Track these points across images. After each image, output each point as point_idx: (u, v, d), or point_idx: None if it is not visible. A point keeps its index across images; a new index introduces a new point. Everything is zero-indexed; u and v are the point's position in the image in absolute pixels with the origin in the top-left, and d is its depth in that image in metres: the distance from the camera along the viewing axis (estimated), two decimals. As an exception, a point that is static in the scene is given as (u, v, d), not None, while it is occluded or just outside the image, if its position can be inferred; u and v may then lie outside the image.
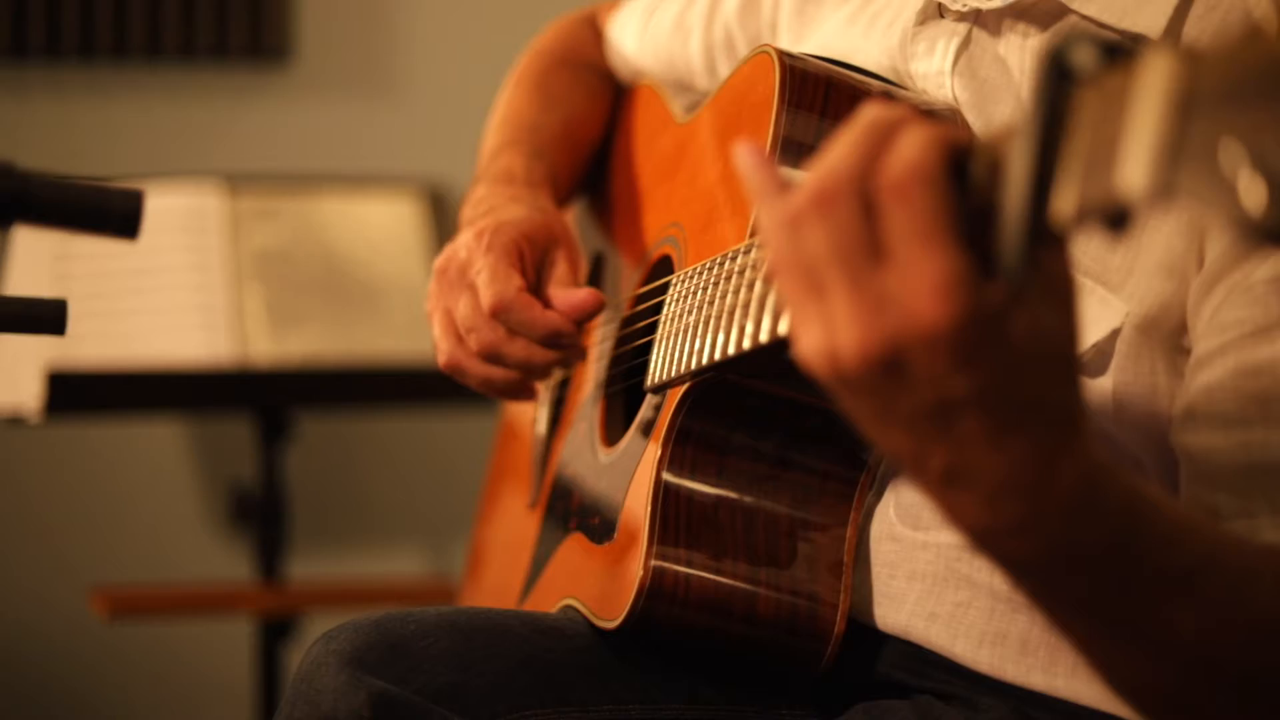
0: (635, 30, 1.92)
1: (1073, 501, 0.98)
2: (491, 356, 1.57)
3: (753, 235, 1.36)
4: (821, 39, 1.63)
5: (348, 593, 3.30)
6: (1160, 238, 1.28)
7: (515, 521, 1.89)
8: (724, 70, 1.79)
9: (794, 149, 1.40)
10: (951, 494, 0.98)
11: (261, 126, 3.63)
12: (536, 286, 1.61)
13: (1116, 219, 0.83)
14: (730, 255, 1.32)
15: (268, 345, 3.08)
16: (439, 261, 1.62)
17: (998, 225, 0.88)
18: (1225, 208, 0.73)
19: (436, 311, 1.61)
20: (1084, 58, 0.86)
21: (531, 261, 1.61)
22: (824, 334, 0.95)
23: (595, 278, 1.84)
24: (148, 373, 3.01)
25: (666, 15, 1.87)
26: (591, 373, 1.72)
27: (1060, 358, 0.96)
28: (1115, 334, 1.29)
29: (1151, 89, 0.78)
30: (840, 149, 0.94)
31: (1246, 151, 0.72)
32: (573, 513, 1.65)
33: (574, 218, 1.93)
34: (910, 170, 0.91)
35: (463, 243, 1.61)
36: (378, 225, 3.25)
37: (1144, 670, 1.08)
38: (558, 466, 1.75)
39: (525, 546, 1.79)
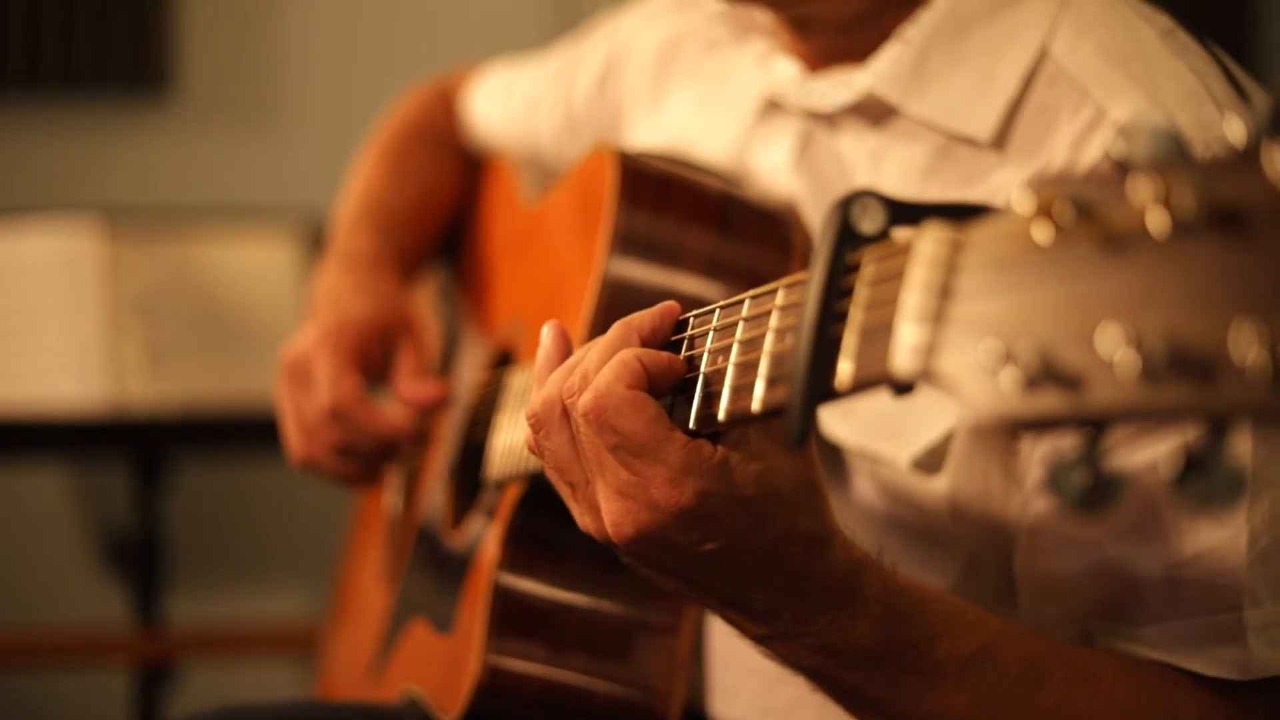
0: (490, 106, 1.93)
1: (833, 606, 1.10)
2: (342, 451, 1.58)
3: (584, 338, 1.36)
4: (672, 122, 1.64)
5: (226, 638, 3.28)
6: None
7: (370, 589, 1.89)
8: (578, 150, 1.80)
9: (632, 246, 1.40)
10: (732, 615, 1.12)
11: (141, 157, 3.60)
12: (385, 374, 1.64)
13: (898, 388, 0.84)
14: None
15: (145, 387, 3.04)
16: (286, 358, 1.63)
17: (708, 393, 1.03)
18: (985, 398, 0.74)
19: (286, 408, 1.63)
20: (868, 221, 0.87)
21: (378, 354, 1.64)
22: (585, 517, 1.10)
23: (451, 349, 1.84)
24: (21, 419, 2.97)
25: (521, 92, 1.87)
26: (441, 451, 1.72)
27: (799, 492, 1.06)
28: (950, 437, 1.30)
29: (921, 271, 0.79)
30: (549, 385, 1.09)
31: (1003, 345, 0.73)
32: (420, 595, 1.65)
33: (436, 287, 1.93)
34: (599, 402, 1.04)
35: (308, 338, 1.63)
36: (256, 265, 3.23)
37: None
38: (408, 542, 1.75)
39: (376, 619, 1.79)
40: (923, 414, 1.29)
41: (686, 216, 1.41)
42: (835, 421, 1.33)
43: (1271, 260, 0.64)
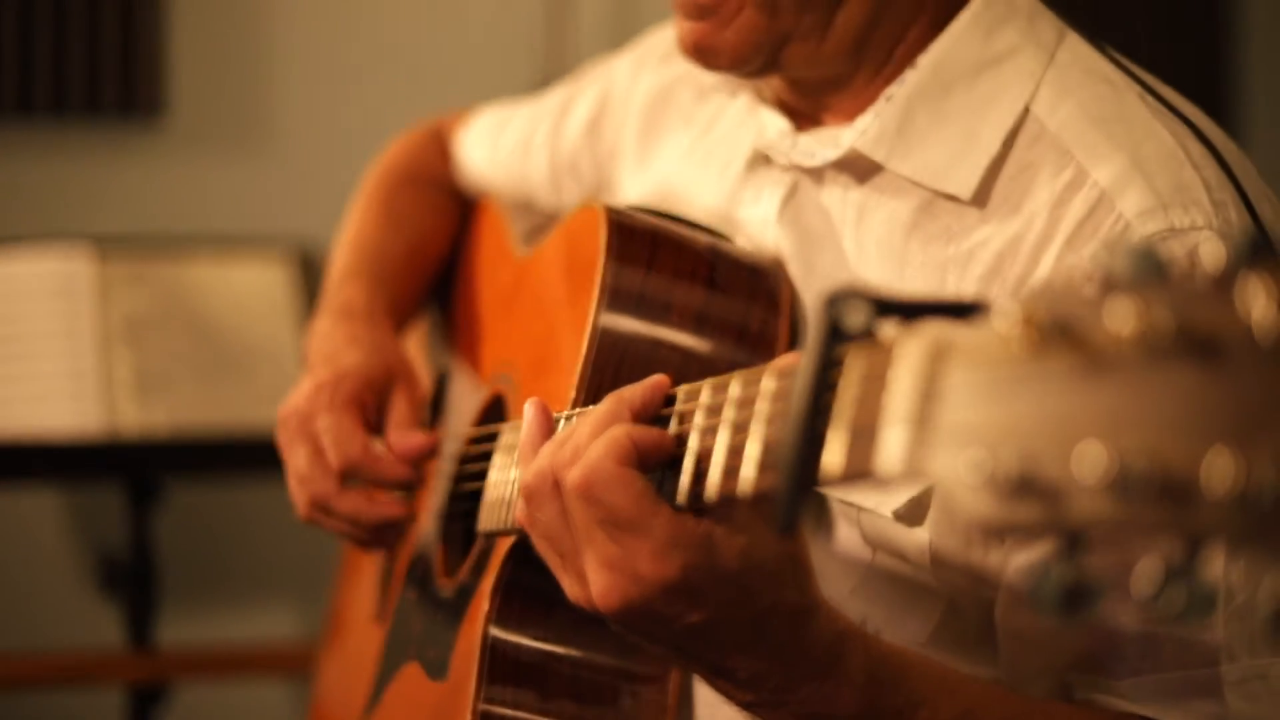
0: (482, 148, 1.94)
1: (818, 675, 1.13)
2: (322, 509, 1.59)
3: (573, 407, 1.38)
4: (662, 169, 1.66)
5: (219, 659, 3.29)
6: None
7: (363, 623, 1.91)
8: (569, 194, 1.82)
9: (622, 303, 1.42)
10: (718, 683, 1.17)
11: (133, 183, 3.61)
12: (378, 426, 1.65)
13: (882, 481, 0.86)
14: (555, 419, 1.34)
15: (137, 413, 3.05)
16: (282, 411, 1.64)
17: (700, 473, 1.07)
18: (967, 504, 0.76)
19: (287, 463, 1.64)
20: (856, 317, 0.89)
21: (373, 405, 1.64)
22: (574, 587, 1.14)
23: (440, 395, 1.86)
24: (15, 444, 2.98)
25: (513, 134, 1.89)
26: (432, 498, 1.74)
27: (783, 565, 1.10)
28: (931, 490, 1.32)
29: (906, 375, 0.81)
30: (541, 458, 1.13)
31: (987, 454, 0.75)
32: (413, 639, 1.67)
33: (424, 332, 1.94)
34: (589, 477, 1.08)
35: (303, 394, 1.63)
36: (248, 291, 3.24)
37: None
38: (401, 586, 1.77)
39: (369, 661, 1.81)
40: None
41: (675, 273, 1.43)
42: None
43: (1242, 390, 0.66)
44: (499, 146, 1.91)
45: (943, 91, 1.38)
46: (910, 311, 0.88)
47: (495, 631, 1.43)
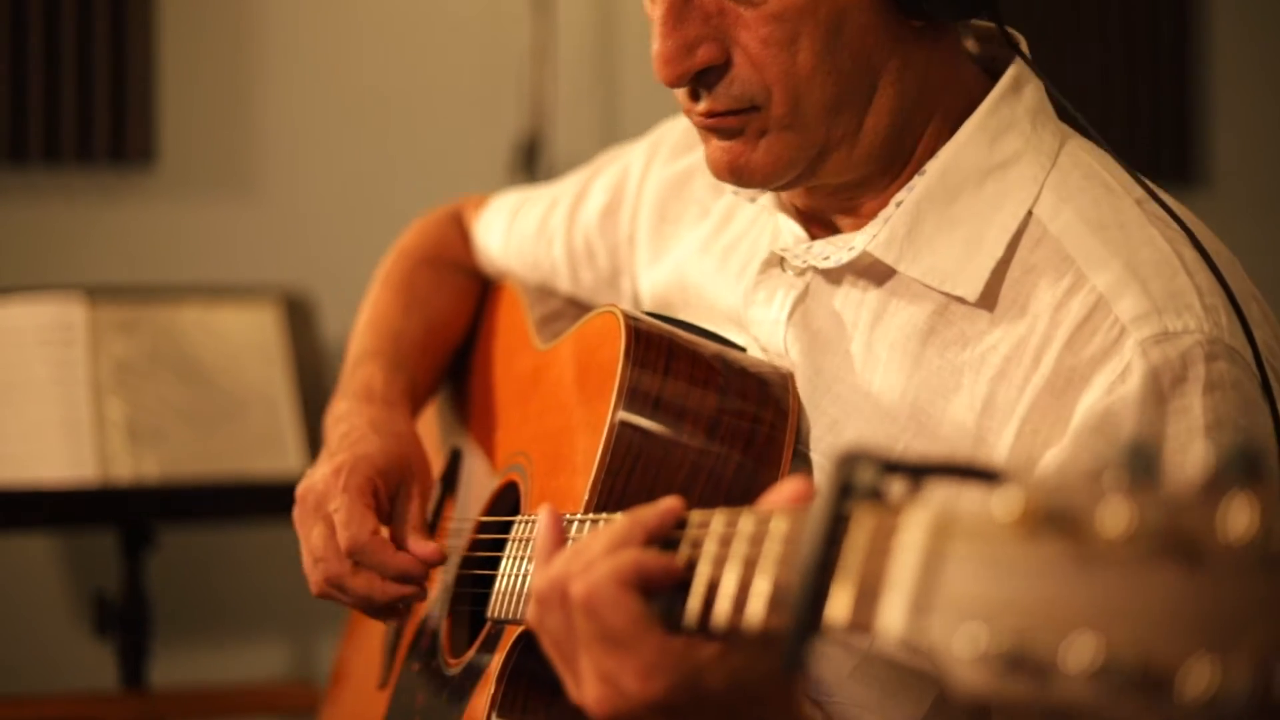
0: (500, 232, 1.99)
1: None
2: (336, 586, 1.63)
3: (586, 510, 1.44)
4: (676, 262, 1.72)
5: (211, 699, 3.33)
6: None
7: (365, 695, 1.95)
8: (586, 279, 1.88)
9: (638, 405, 1.47)
10: None
11: (125, 231, 3.64)
12: (390, 516, 1.68)
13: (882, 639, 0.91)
14: (568, 521, 1.40)
15: (129, 459, 3.07)
16: (300, 489, 1.68)
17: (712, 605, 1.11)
18: (961, 674, 0.81)
19: (302, 540, 1.67)
20: (866, 476, 0.95)
21: (385, 493, 1.67)
22: (573, 687, 1.19)
23: (452, 474, 1.91)
24: (10, 492, 3.00)
25: (530, 219, 1.94)
26: (441, 578, 1.79)
27: (771, 689, 1.15)
28: None
29: (910, 546, 0.87)
30: (555, 566, 1.20)
31: (984, 628, 0.81)
32: (415, 712, 1.72)
33: (436, 409, 1.99)
34: (592, 594, 1.15)
35: (321, 475, 1.67)
36: (238, 339, 3.25)
37: None
38: (406, 658, 1.81)
39: (373, 728, 1.85)
40: None
41: (689, 379, 1.49)
42: None
43: (1223, 596, 0.72)
44: (515, 231, 1.96)
45: (949, 197, 1.44)
46: (918, 473, 0.94)
47: (498, 718, 1.48)
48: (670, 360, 1.50)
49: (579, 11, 3.85)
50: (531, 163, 3.74)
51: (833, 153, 1.44)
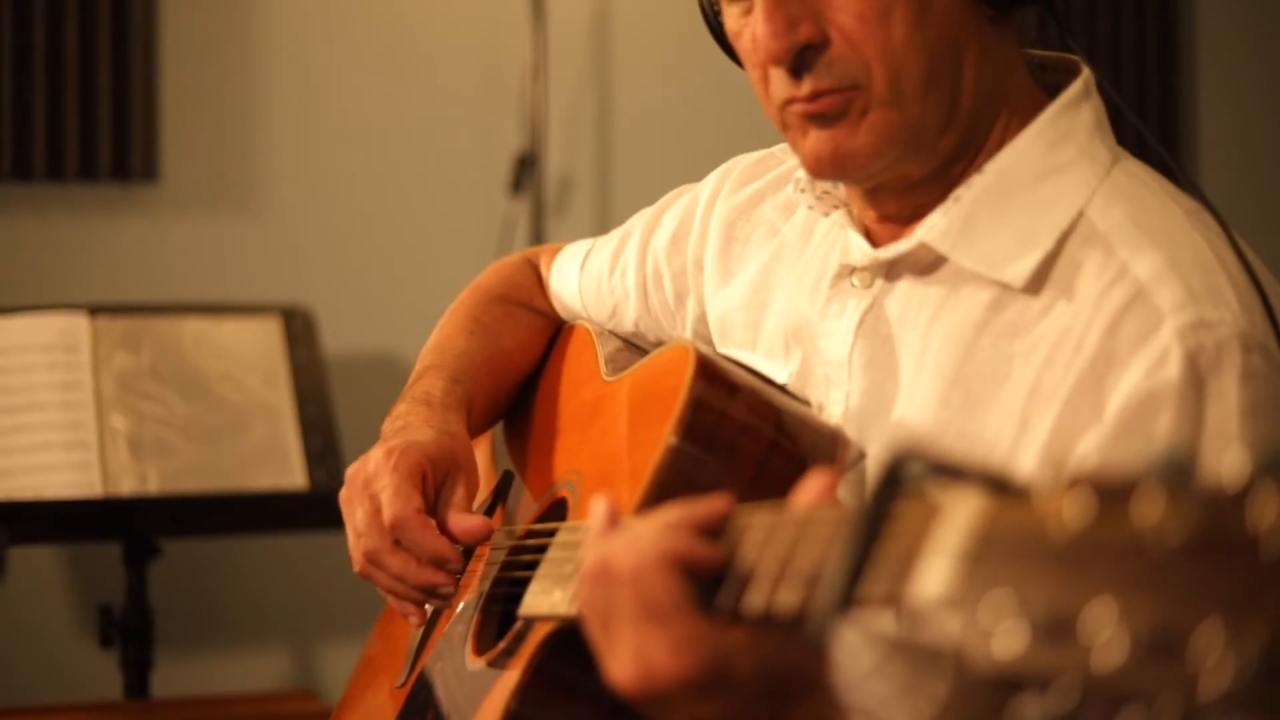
0: (573, 272, 2.07)
1: None
2: (374, 563, 1.70)
3: (637, 510, 1.51)
4: (744, 282, 1.80)
5: (214, 708, 3.35)
6: None
7: (382, 695, 2.00)
8: (655, 301, 1.96)
9: (695, 434, 1.53)
10: None
11: (128, 248, 3.70)
12: (435, 504, 1.75)
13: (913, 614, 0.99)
14: None
15: (132, 473, 3.13)
16: (349, 471, 1.76)
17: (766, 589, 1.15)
18: (989, 645, 0.89)
19: (348, 519, 1.75)
20: (914, 471, 1.02)
21: (433, 482, 1.75)
22: (612, 665, 1.25)
23: (502, 492, 1.97)
24: (15, 506, 3.06)
25: (604, 255, 2.03)
26: (477, 581, 1.85)
27: (792, 678, 1.20)
28: None
29: (949, 531, 0.94)
30: (604, 544, 1.26)
31: (1017, 604, 0.88)
32: (431, 707, 1.78)
33: (491, 437, 2.06)
34: (637, 566, 1.21)
35: (373, 457, 1.75)
36: (239, 350, 3.31)
37: None
38: (429, 658, 1.88)
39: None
40: None
41: (746, 420, 1.55)
42: None
43: (1246, 581, 0.79)
44: (589, 269, 2.04)
45: (1005, 196, 1.54)
46: (960, 473, 1.02)
47: (518, 708, 1.55)
48: (731, 398, 1.56)
49: (574, 30, 3.92)
50: (526, 180, 3.79)
51: (926, 135, 1.52)
